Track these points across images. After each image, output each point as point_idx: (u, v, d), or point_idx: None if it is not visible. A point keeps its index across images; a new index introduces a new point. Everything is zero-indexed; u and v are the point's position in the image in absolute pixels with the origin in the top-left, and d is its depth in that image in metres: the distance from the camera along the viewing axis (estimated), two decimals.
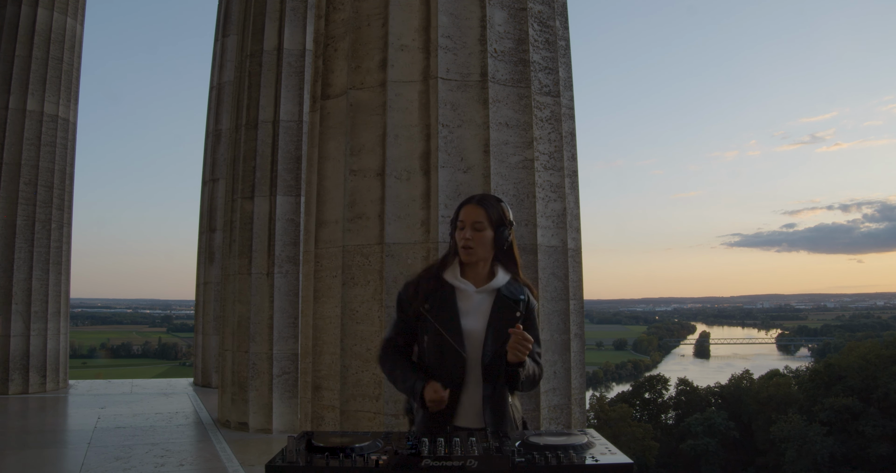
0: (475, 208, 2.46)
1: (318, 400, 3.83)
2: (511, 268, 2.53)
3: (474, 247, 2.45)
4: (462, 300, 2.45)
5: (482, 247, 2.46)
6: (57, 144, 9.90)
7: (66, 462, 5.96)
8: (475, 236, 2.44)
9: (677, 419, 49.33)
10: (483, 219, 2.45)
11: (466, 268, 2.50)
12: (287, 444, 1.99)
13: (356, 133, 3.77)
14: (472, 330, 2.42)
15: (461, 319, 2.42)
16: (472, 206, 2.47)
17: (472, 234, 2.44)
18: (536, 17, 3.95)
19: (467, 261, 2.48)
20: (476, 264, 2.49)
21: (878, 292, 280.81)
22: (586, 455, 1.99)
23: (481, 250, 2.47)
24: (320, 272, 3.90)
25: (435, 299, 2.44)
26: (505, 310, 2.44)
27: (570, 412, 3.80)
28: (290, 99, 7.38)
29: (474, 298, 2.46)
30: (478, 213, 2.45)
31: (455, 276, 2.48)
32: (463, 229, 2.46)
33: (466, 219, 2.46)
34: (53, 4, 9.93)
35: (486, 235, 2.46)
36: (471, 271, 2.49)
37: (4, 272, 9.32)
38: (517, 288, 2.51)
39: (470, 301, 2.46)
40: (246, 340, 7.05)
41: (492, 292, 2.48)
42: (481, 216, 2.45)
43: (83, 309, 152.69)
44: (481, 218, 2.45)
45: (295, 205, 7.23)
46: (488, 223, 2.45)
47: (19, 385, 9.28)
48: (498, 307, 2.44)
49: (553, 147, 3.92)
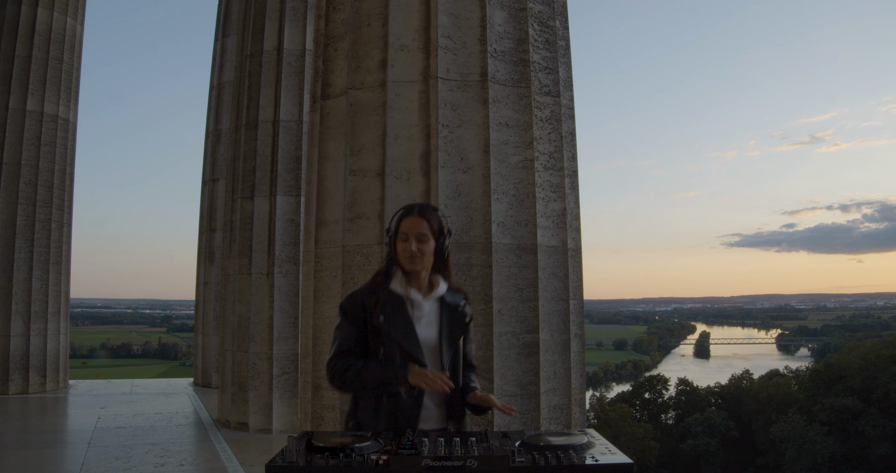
0: (418, 219, 2.50)
1: (318, 400, 3.82)
2: (446, 276, 2.60)
3: (420, 257, 2.49)
4: (414, 309, 2.51)
5: (427, 257, 2.51)
6: (57, 144, 9.90)
7: (66, 462, 5.96)
8: (420, 247, 2.49)
9: (677, 419, 49.32)
10: (426, 230, 2.49)
11: (410, 277, 2.54)
12: (287, 444, 1.99)
13: (356, 133, 3.77)
14: (427, 338, 2.50)
15: (416, 328, 2.49)
16: (414, 217, 2.50)
17: (417, 246, 2.48)
18: (536, 17, 3.95)
19: (412, 270, 2.51)
20: (419, 273, 2.54)
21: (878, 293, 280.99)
22: (586, 455, 1.99)
23: (427, 260, 2.52)
24: (320, 272, 3.90)
25: (387, 310, 2.48)
26: (454, 317, 2.55)
27: (570, 412, 3.80)
28: (290, 99, 7.38)
29: (424, 306, 2.53)
30: (421, 224, 2.49)
31: (402, 286, 2.52)
32: (406, 241, 2.49)
33: (410, 231, 2.49)
34: (53, 4, 9.93)
35: (430, 245, 2.51)
36: (414, 281, 2.54)
37: (4, 272, 9.32)
38: (456, 295, 2.60)
39: (421, 310, 2.52)
40: (246, 340, 7.05)
41: (437, 300, 2.56)
42: (424, 228, 2.49)
43: (83, 309, 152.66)
44: (424, 230, 2.49)
45: (295, 205, 7.22)
46: (431, 234, 2.50)
47: (19, 385, 9.28)
48: (447, 315, 2.54)
49: (553, 147, 3.92)
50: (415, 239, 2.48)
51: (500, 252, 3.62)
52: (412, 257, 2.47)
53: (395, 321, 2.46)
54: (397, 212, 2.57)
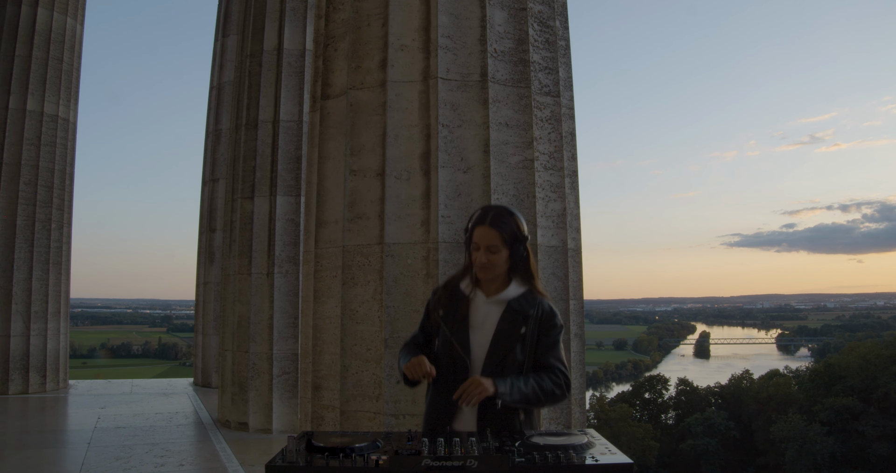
0: (489, 230, 2.46)
1: (318, 400, 3.82)
2: (526, 279, 2.55)
3: (490, 268, 2.49)
4: (473, 311, 2.52)
5: (499, 266, 2.50)
6: (57, 144, 9.90)
7: (66, 462, 5.96)
8: (490, 258, 2.47)
9: (677, 419, 49.31)
10: (497, 242, 2.46)
11: (480, 279, 2.55)
12: (287, 444, 1.99)
13: (356, 133, 3.77)
14: (478, 341, 2.48)
15: (470, 329, 2.49)
16: (485, 228, 2.46)
17: (487, 256, 2.47)
18: (536, 17, 3.95)
19: (484, 279, 2.53)
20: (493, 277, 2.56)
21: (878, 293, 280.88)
22: (586, 455, 1.99)
23: (498, 269, 2.51)
24: (320, 272, 3.90)
25: (449, 307, 2.53)
26: (510, 324, 2.47)
27: (570, 412, 3.80)
28: (290, 99, 7.38)
29: (482, 308, 2.52)
30: (492, 236, 2.45)
31: (468, 286, 2.56)
32: (478, 250, 2.48)
33: (481, 242, 2.47)
34: (53, 4, 9.93)
35: (502, 255, 2.48)
36: (485, 282, 2.55)
37: (4, 272, 9.32)
38: (530, 301, 2.51)
39: (479, 312, 2.52)
40: (246, 340, 7.05)
41: (502, 302, 2.51)
42: (496, 239, 2.45)
43: (83, 309, 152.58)
44: (496, 241, 2.46)
45: (295, 205, 7.22)
46: (503, 245, 2.46)
47: (19, 385, 9.28)
48: (504, 320, 2.48)
49: (553, 147, 3.92)
50: (485, 249, 2.46)
51: None
52: (483, 268, 2.49)
53: (452, 318, 2.51)
54: (475, 213, 2.55)
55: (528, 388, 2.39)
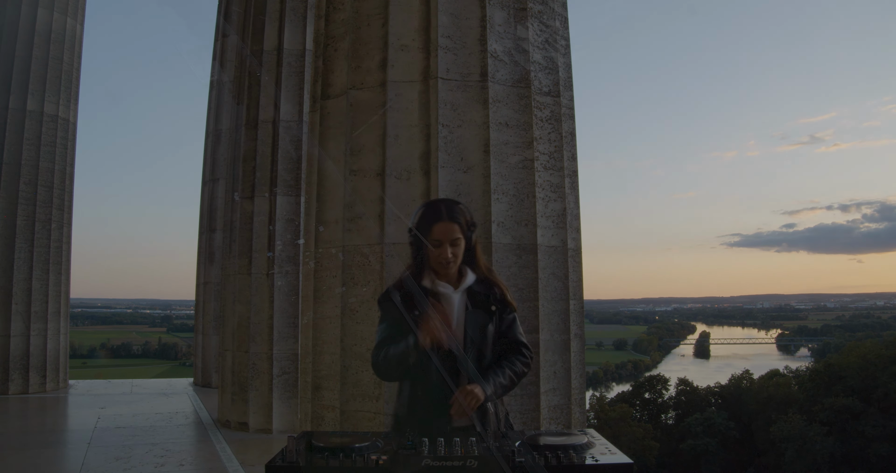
0: (449, 225, 2.49)
1: (318, 400, 3.82)
2: (476, 264, 2.60)
3: (455, 261, 2.51)
4: (447, 304, 2.52)
5: (460, 258, 2.54)
6: (57, 144, 9.90)
7: (66, 462, 5.96)
8: (455, 251, 2.50)
9: (677, 419, 49.29)
10: (459, 234, 2.50)
11: (439, 273, 2.55)
12: (287, 444, 1.99)
13: (356, 133, 3.77)
14: (458, 331, 2.50)
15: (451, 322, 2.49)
16: (445, 223, 2.49)
17: (452, 251, 2.49)
18: (536, 17, 3.95)
19: (445, 272, 2.54)
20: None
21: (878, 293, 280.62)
22: (586, 455, 1.99)
23: (460, 261, 2.54)
24: (320, 272, 3.90)
25: (423, 305, 2.49)
26: (480, 309, 2.53)
27: (570, 412, 3.80)
28: (290, 99, 7.38)
29: (453, 299, 2.54)
30: (453, 229, 2.49)
31: (433, 282, 2.54)
32: (441, 247, 2.48)
33: (444, 237, 2.48)
34: (53, 4, 9.93)
35: (462, 246, 2.52)
36: (443, 276, 2.56)
37: (4, 272, 9.32)
38: (488, 284, 2.58)
39: (451, 304, 2.53)
40: (246, 340, 7.05)
41: (464, 291, 2.56)
42: (457, 232, 2.49)
43: (83, 309, 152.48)
44: (457, 234, 2.49)
45: (295, 205, 7.23)
46: (462, 235, 2.51)
47: (19, 385, 9.28)
48: (475, 306, 2.53)
49: (553, 147, 3.92)
50: (449, 245, 2.48)
51: (500, 252, 3.63)
52: (449, 263, 2.49)
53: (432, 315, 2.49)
54: (421, 211, 2.54)
55: (507, 380, 2.48)
